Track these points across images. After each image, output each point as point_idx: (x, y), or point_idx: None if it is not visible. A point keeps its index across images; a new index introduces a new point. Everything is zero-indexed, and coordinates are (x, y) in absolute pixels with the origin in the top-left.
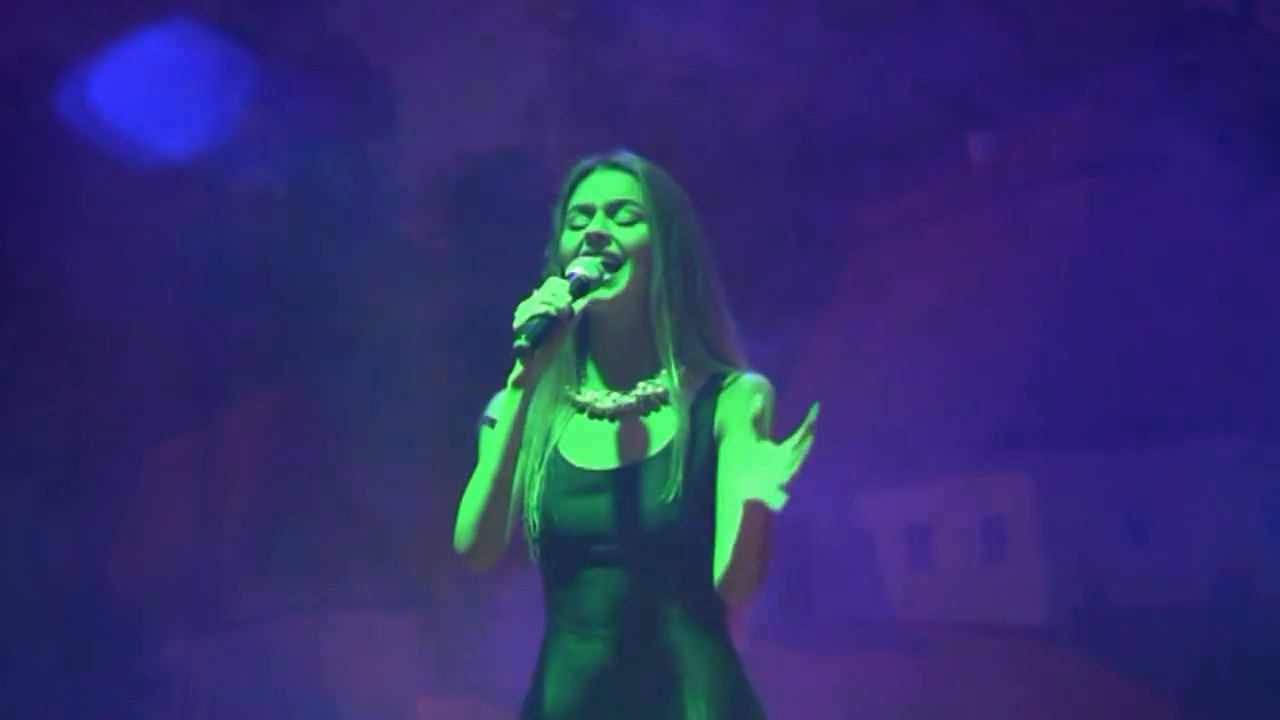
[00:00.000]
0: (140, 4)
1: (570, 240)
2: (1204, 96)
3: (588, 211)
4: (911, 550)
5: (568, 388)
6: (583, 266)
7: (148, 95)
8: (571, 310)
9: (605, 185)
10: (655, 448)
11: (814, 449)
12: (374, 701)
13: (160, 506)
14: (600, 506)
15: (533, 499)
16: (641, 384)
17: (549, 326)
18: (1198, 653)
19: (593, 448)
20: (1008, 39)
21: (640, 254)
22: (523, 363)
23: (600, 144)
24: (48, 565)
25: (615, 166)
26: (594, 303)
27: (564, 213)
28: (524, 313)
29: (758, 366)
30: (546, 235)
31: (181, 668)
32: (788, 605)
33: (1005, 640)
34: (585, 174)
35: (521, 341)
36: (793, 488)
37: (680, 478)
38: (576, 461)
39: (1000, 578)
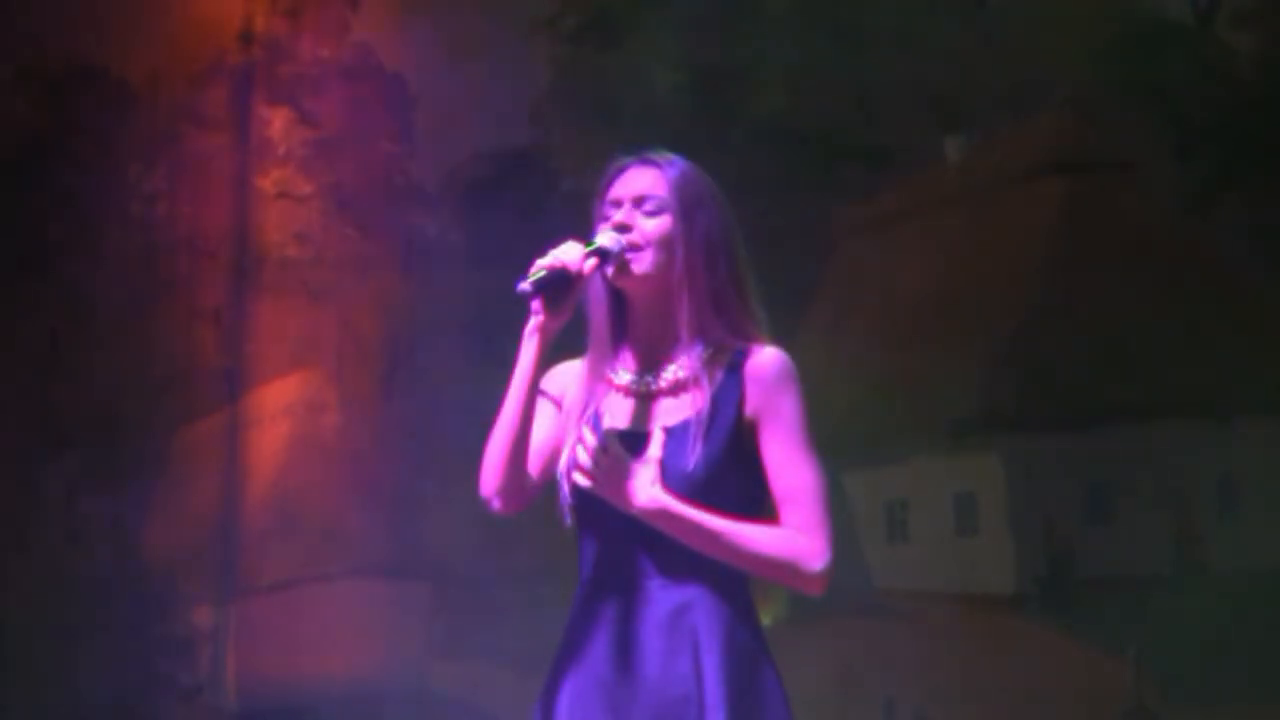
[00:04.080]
0: (172, 11)
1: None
2: (1166, 103)
3: (618, 204)
4: (889, 524)
5: (606, 370)
6: (605, 238)
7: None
8: (582, 267)
9: (634, 179)
10: (683, 416)
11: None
12: (392, 664)
13: (191, 482)
14: None
15: (565, 461)
16: (671, 366)
17: (555, 277)
18: (1154, 621)
19: (628, 419)
20: (981, 48)
21: (662, 242)
22: (534, 313)
23: (600, 145)
24: (86, 535)
25: (646, 163)
26: (620, 283)
27: (600, 205)
28: (535, 264)
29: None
30: (553, 228)
31: (211, 631)
32: None
33: (975, 608)
34: (621, 170)
35: (524, 285)
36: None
37: (702, 443)
38: (611, 425)
39: (971, 550)
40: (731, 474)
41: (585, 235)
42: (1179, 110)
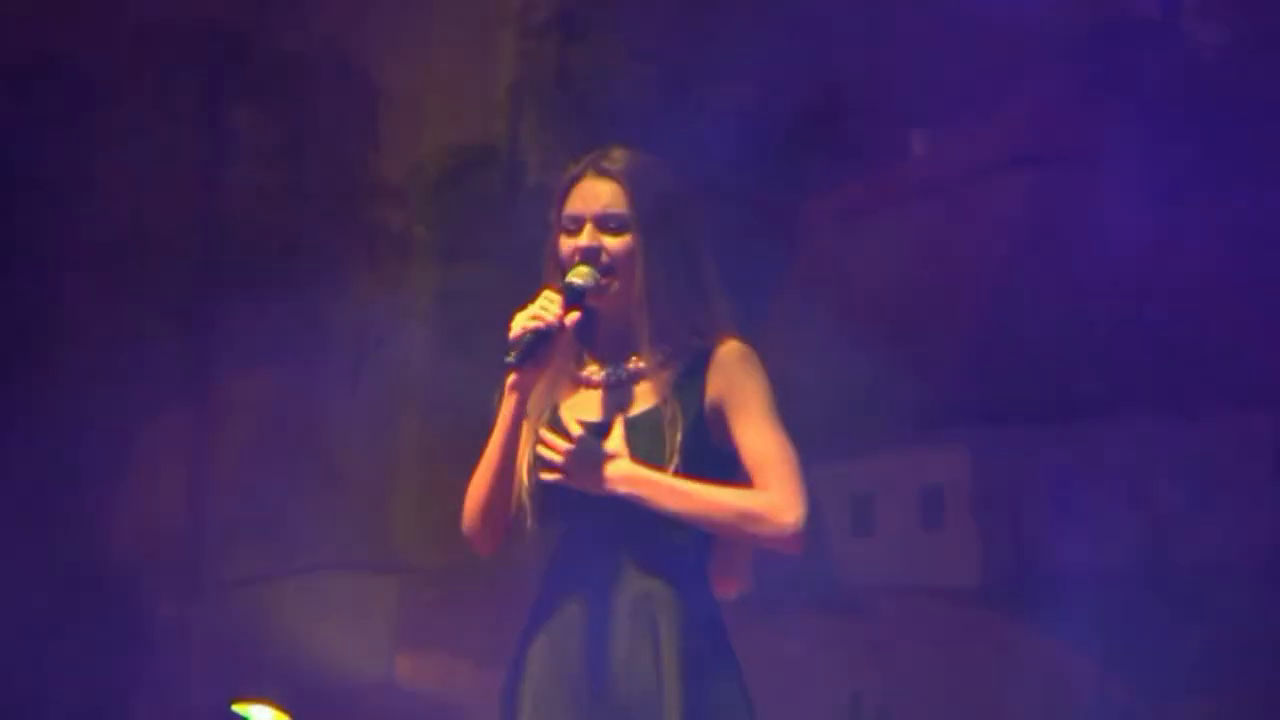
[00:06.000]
0: (136, 5)
1: (565, 247)
2: (1131, 97)
3: (577, 221)
4: (854, 517)
5: (570, 367)
6: (579, 277)
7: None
8: (563, 322)
9: (593, 195)
10: (641, 409)
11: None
12: (359, 658)
13: (157, 477)
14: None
15: (529, 455)
16: (633, 358)
17: (540, 340)
18: (1119, 615)
19: (589, 411)
20: (947, 39)
21: (627, 262)
22: (516, 373)
23: (567, 139)
24: (45, 527)
25: (603, 174)
26: (594, 300)
27: (558, 217)
28: (518, 325)
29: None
30: (518, 221)
31: (175, 626)
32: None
33: (941, 602)
34: (575, 181)
35: (511, 358)
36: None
37: (665, 435)
38: (572, 419)
39: (937, 543)
40: (696, 468)
41: (550, 232)
42: (1145, 103)
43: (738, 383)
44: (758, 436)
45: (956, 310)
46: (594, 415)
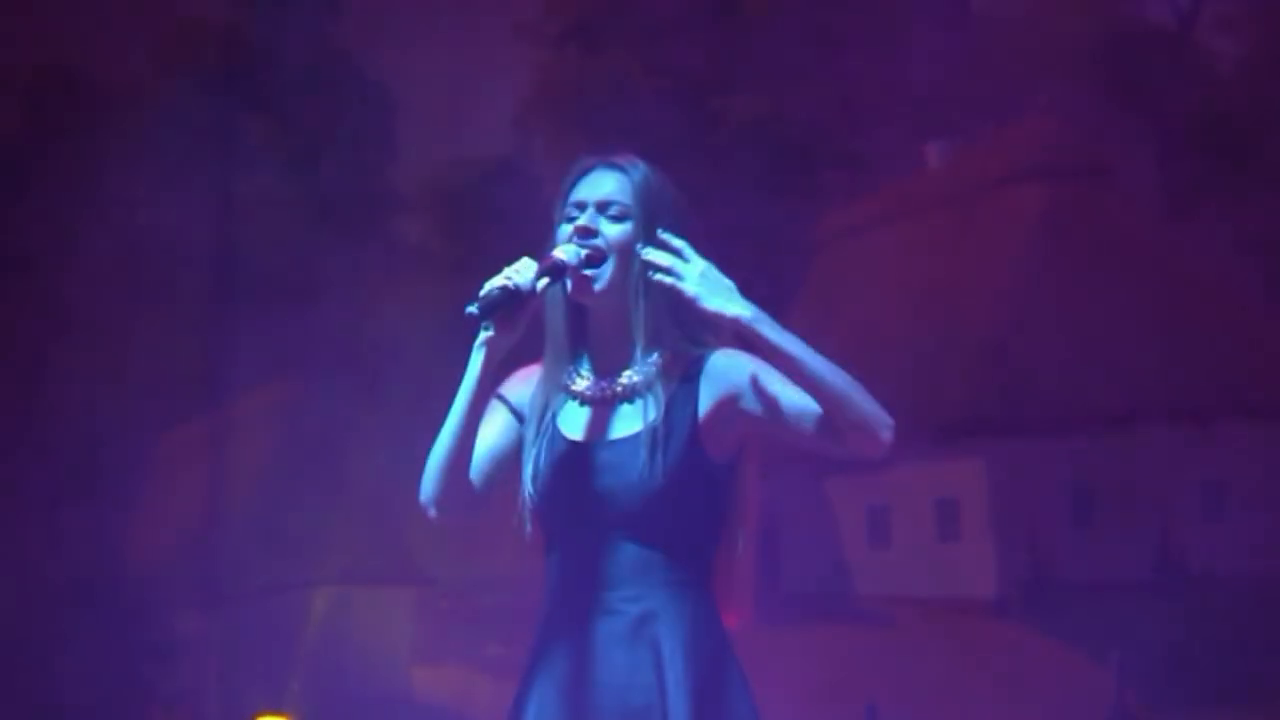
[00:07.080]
0: (151, 17)
1: (564, 232)
2: (1146, 109)
3: (581, 207)
4: (871, 530)
5: (563, 376)
6: (563, 251)
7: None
8: (534, 287)
9: (599, 183)
10: (639, 426)
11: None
12: (372, 670)
13: (173, 489)
14: (590, 477)
15: (529, 471)
16: (626, 372)
17: (504, 298)
18: (1135, 625)
19: (585, 427)
20: (963, 54)
21: (622, 249)
22: (483, 329)
23: (582, 152)
24: (67, 543)
25: (611, 166)
26: (580, 294)
27: (563, 206)
28: (487, 284)
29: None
30: (534, 234)
31: (194, 638)
32: (756, 580)
33: (957, 613)
34: (585, 171)
35: (471, 308)
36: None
37: (658, 454)
38: (570, 435)
39: (953, 555)
40: (690, 486)
41: (570, 232)
42: (1160, 115)
43: (743, 374)
44: (798, 392)
45: (971, 323)
46: (586, 432)
